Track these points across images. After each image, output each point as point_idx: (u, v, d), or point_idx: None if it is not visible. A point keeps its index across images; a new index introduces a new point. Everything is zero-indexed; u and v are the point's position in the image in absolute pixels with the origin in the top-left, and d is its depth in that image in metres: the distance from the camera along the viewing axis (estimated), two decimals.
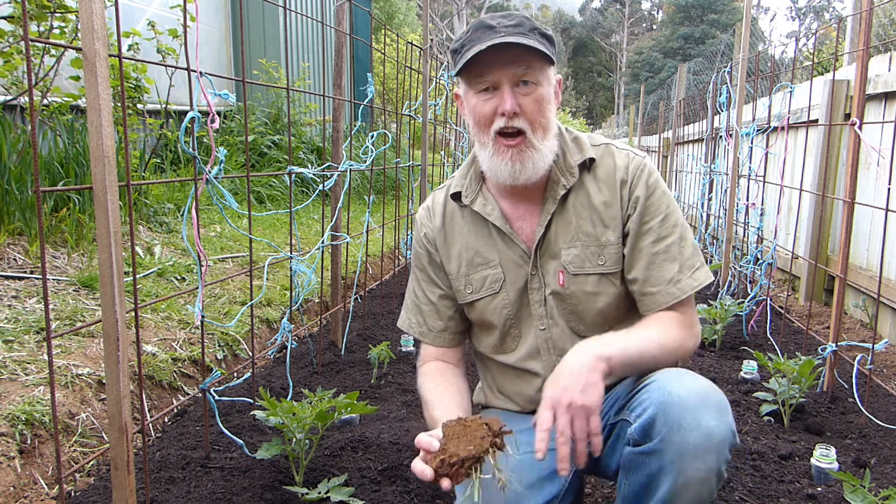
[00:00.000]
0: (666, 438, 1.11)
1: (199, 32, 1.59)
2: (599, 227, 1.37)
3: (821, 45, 11.21)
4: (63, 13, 3.15)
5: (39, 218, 1.21)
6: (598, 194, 1.38)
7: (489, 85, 1.29)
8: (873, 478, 1.90)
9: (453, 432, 1.12)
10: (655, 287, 1.33)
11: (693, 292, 1.33)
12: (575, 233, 1.38)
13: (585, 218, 1.37)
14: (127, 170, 1.44)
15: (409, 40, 4.40)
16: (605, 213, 1.37)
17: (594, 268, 1.37)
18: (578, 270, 1.37)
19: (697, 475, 1.09)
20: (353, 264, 3.70)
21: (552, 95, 1.34)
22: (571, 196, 1.38)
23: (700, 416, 1.10)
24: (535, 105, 1.29)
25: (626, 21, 43.93)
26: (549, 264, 1.39)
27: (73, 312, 2.52)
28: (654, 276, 1.33)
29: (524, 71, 1.27)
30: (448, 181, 1.51)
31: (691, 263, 1.34)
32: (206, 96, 1.60)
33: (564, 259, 1.37)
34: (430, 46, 4.19)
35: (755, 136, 3.72)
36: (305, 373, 2.71)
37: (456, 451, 1.07)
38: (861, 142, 2.34)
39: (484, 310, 1.44)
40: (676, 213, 1.38)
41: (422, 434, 1.15)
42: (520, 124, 1.29)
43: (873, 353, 2.34)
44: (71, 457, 1.89)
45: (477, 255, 1.43)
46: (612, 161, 1.39)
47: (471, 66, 1.29)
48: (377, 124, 6.25)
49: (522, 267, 1.40)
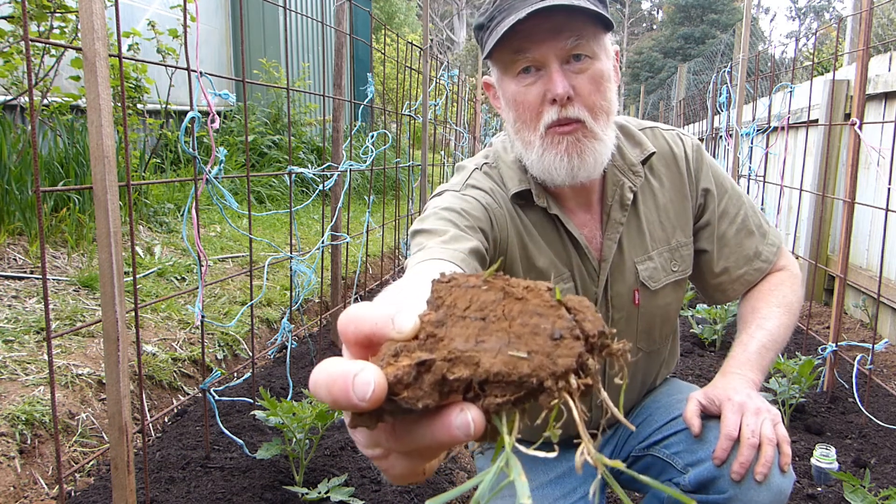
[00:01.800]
0: (736, 496, 1.02)
1: (199, 32, 1.59)
2: (669, 228, 1.19)
3: (821, 45, 11.22)
4: (63, 13, 3.15)
5: (39, 218, 1.21)
6: (661, 191, 1.19)
7: (530, 63, 1.02)
8: (873, 478, 1.90)
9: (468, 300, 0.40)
10: (741, 268, 1.23)
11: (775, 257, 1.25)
12: (649, 241, 1.18)
13: (655, 222, 1.18)
14: (127, 170, 1.44)
15: (409, 40, 4.40)
16: (671, 210, 1.19)
17: (668, 275, 1.20)
18: (657, 285, 1.19)
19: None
20: (353, 264, 3.70)
21: (612, 71, 1.07)
22: (638, 199, 1.17)
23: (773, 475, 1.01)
24: (593, 85, 1.02)
25: (626, 21, 43.96)
26: (621, 283, 1.18)
27: (73, 312, 2.52)
28: (735, 258, 1.23)
29: (576, 42, 0.99)
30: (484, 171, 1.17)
31: (762, 223, 1.25)
32: (206, 96, 1.60)
33: (643, 275, 1.17)
34: (430, 46, 4.19)
35: (755, 136, 3.72)
36: (305, 373, 2.71)
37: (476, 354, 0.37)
38: (861, 142, 2.34)
39: None
40: (730, 180, 1.26)
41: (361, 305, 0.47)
42: (576, 113, 1.02)
43: (873, 353, 2.33)
44: (71, 457, 1.89)
45: (549, 264, 1.14)
46: (667, 146, 1.21)
47: (505, 42, 1.00)
48: (377, 124, 6.25)
49: (591, 286, 1.18)
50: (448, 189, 1.14)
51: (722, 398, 1.07)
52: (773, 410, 1.05)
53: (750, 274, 1.24)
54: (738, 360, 1.15)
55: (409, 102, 4.04)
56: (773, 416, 1.03)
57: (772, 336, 1.17)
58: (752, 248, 1.23)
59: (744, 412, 1.03)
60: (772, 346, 1.16)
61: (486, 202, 1.10)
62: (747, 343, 1.17)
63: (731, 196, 1.25)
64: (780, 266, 1.26)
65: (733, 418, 1.02)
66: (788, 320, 1.19)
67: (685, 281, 1.26)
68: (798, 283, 1.25)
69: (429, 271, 0.67)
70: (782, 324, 1.18)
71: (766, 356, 1.15)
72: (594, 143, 1.04)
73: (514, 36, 1.00)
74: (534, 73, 1.03)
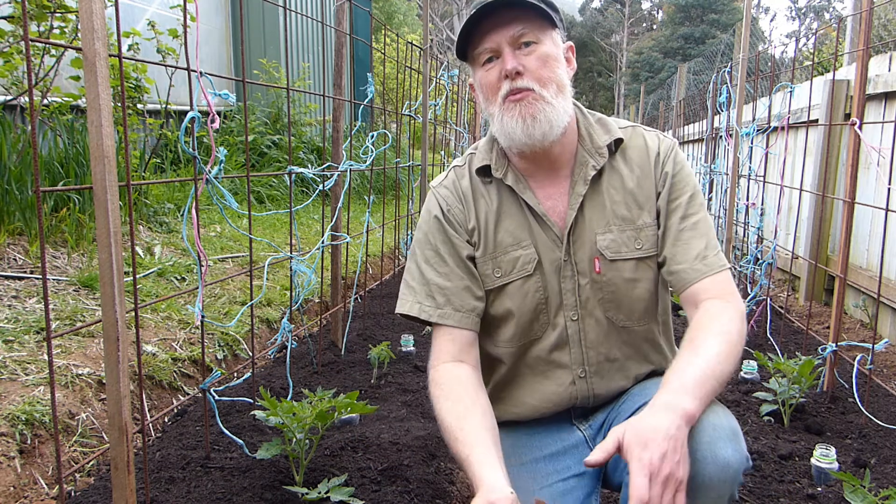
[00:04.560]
0: None
1: (199, 32, 1.59)
2: (635, 209, 1.31)
3: (821, 45, 11.21)
4: (63, 13, 3.15)
5: (39, 218, 1.21)
6: (630, 176, 1.32)
7: (490, 53, 1.24)
8: (873, 478, 1.90)
9: None
10: (681, 264, 1.26)
11: (722, 272, 1.24)
12: (611, 217, 1.30)
13: (619, 202, 1.31)
14: (127, 170, 1.44)
15: (409, 40, 4.40)
16: (639, 194, 1.31)
17: (631, 252, 1.30)
18: (616, 256, 1.30)
19: (709, 503, 1.06)
20: (353, 264, 3.70)
21: (560, 55, 1.27)
22: (604, 179, 1.32)
23: (716, 448, 1.06)
24: (540, 62, 1.23)
25: (626, 21, 43.93)
26: (583, 250, 1.31)
27: (73, 312, 2.52)
28: (680, 253, 1.27)
29: (521, 31, 1.22)
30: (463, 158, 1.41)
31: (715, 244, 1.27)
32: (206, 96, 1.60)
33: (601, 244, 1.30)
34: (430, 46, 4.19)
35: (755, 136, 3.72)
36: (305, 373, 2.71)
37: None
38: (861, 142, 2.34)
39: (513, 295, 1.31)
40: (701, 196, 1.33)
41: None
42: (526, 83, 1.22)
43: (873, 353, 2.34)
44: (71, 457, 1.89)
45: (507, 235, 1.32)
46: (643, 141, 1.34)
47: (469, 40, 1.25)
48: (377, 124, 6.25)
49: (555, 251, 1.31)
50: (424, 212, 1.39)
51: (634, 448, 1.01)
52: (682, 472, 0.99)
53: (688, 273, 1.24)
54: (671, 388, 1.08)
55: (409, 102, 4.04)
56: (678, 484, 0.99)
57: (709, 364, 1.10)
58: (699, 249, 1.25)
59: (652, 477, 0.98)
60: (711, 374, 1.10)
61: (446, 209, 1.34)
62: (684, 370, 1.11)
63: (692, 198, 1.30)
64: (724, 296, 1.22)
65: (641, 482, 0.98)
66: (729, 350, 1.13)
67: (653, 262, 1.31)
68: (740, 318, 1.20)
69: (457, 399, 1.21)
70: (722, 351, 1.12)
71: (706, 385, 1.08)
72: (544, 105, 1.23)
73: (475, 35, 1.24)
74: (494, 61, 1.25)
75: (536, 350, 1.34)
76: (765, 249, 3.64)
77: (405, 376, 2.72)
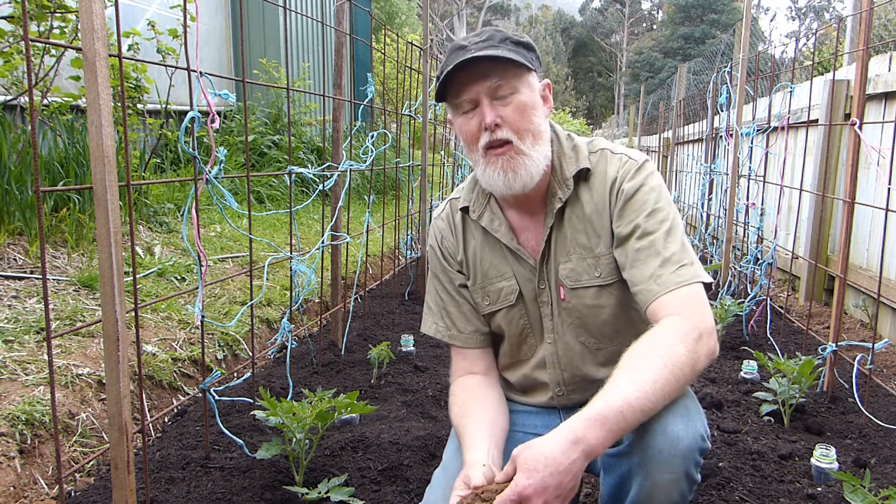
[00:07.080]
0: (634, 442, 1.12)
1: (199, 32, 1.59)
2: (593, 237, 1.34)
3: (821, 45, 11.21)
4: (63, 13, 3.15)
5: (39, 218, 1.21)
6: (590, 204, 1.34)
7: (469, 104, 1.29)
8: (873, 478, 1.90)
9: None
10: (637, 285, 1.24)
11: (679, 288, 1.19)
12: (571, 246, 1.35)
13: (580, 230, 1.35)
14: (127, 170, 1.44)
15: (409, 40, 4.40)
16: (596, 221, 1.34)
17: (591, 280, 1.34)
18: (576, 284, 1.35)
19: (664, 478, 1.10)
20: (353, 264, 3.70)
21: (537, 101, 1.31)
22: (568, 208, 1.36)
23: (665, 422, 1.10)
24: (517, 113, 1.27)
25: (626, 21, 43.95)
26: (552, 278, 1.38)
27: (73, 312, 2.52)
28: (636, 274, 1.24)
29: (498, 82, 1.25)
30: (457, 191, 1.50)
31: (677, 259, 1.22)
32: (206, 96, 1.61)
33: (562, 273, 1.36)
34: (430, 46, 4.19)
35: (755, 136, 3.72)
36: (305, 373, 2.71)
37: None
38: (861, 142, 2.34)
39: (501, 321, 1.43)
40: (667, 210, 1.28)
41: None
42: (504, 135, 1.27)
43: (873, 353, 2.34)
44: (71, 457, 1.89)
45: (492, 268, 1.42)
46: (605, 167, 1.35)
47: (448, 89, 1.29)
48: (377, 124, 6.25)
49: (532, 280, 1.39)
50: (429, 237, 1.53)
51: (520, 472, 1.01)
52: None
53: (643, 294, 1.22)
54: (587, 415, 1.04)
55: (409, 102, 4.04)
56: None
57: (639, 395, 1.05)
58: (653, 268, 1.22)
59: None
60: (639, 407, 1.04)
61: (442, 240, 1.47)
62: (611, 396, 1.06)
63: (651, 215, 1.26)
64: (683, 313, 1.16)
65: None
66: (670, 375, 1.07)
67: (616, 288, 1.33)
68: (695, 335, 1.12)
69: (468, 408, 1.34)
70: (660, 378, 1.06)
71: (629, 418, 1.04)
72: (524, 159, 1.28)
73: (454, 84, 1.28)
74: (472, 110, 1.29)
75: (524, 368, 1.47)
76: (765, 249, 3.64)
77: (405, 376, 2.72)
